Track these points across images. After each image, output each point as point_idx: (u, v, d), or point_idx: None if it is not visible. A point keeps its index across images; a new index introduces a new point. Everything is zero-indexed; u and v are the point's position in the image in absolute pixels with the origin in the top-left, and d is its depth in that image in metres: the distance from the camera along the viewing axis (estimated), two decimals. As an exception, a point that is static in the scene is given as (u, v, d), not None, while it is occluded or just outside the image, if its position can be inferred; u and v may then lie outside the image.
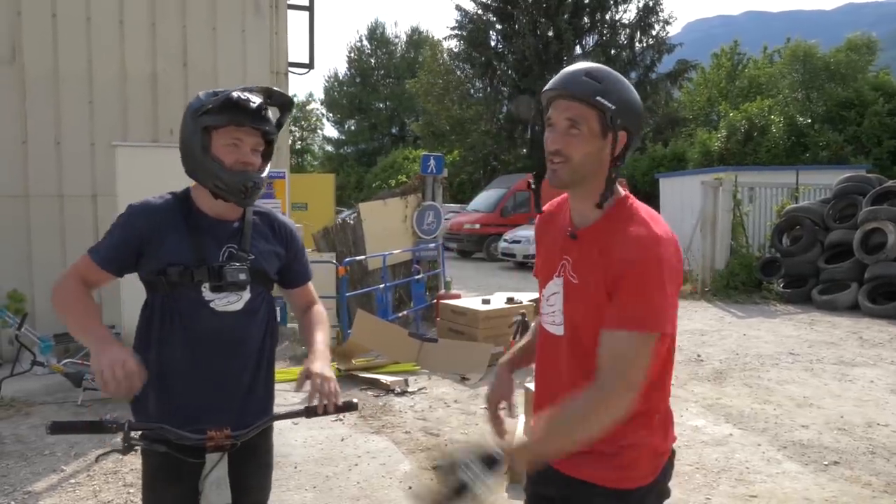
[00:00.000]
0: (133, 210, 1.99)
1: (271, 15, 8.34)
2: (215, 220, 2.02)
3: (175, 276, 1.93)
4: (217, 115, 1.91)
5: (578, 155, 1.60)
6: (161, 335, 1.98)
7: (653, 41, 27.82)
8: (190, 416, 1.93)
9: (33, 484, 4.21)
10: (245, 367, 2.04)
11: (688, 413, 5.64)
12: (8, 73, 7.45)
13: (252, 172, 1.96)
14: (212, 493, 1.86)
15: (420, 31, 41.12)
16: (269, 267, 2.08)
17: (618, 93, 1.59)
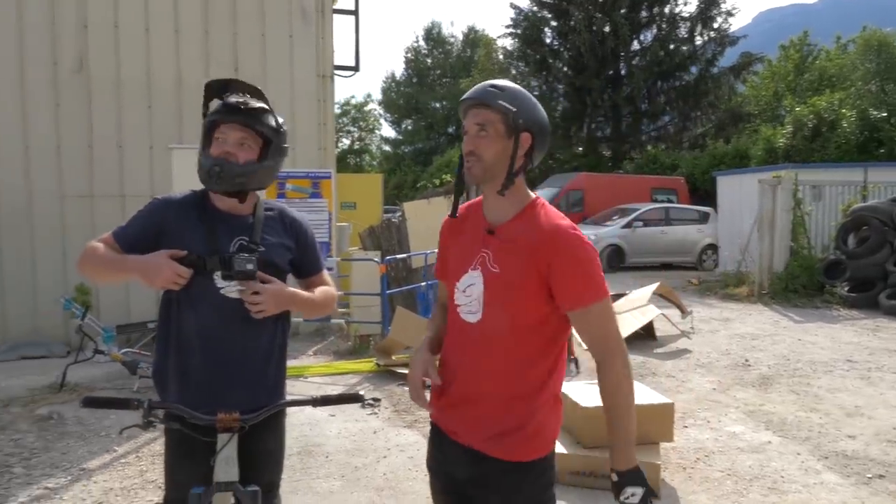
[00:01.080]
0: (156, 202, 2.22)
1: (318, 20, 8.60)
2: (228, 215, 2.21)
3: (189, 263, 2.10)
4: (211, 116, 2.15)
5: (488, 154, 1.85)
6: (178, 320, 2.17)
7: (714, 34, 26.99)
8: (204, 396, 2.10)
9: (88, 462, 4.54)
10: (255, 354, 2.20)
11: (726, 419, 5.53)
12: (76, 82, 7.95)
13: (226, 161, 2.12)
14: (221, 471, 2.01)
15: (476, 30, 41.13)
16: (279, 259, 2.25)
17: (518, 99, 1.85)
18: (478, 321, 1.87)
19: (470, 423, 1.91)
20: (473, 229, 1.97)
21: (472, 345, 1.90)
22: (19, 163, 7.85)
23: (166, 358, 2.20)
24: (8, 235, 7.80)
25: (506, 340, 1.85)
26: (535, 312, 1.83)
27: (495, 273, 1.85)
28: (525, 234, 1.84)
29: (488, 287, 1.85)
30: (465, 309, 1.91)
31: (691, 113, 27.21)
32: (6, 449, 4.76)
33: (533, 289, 1.81)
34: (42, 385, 6.30)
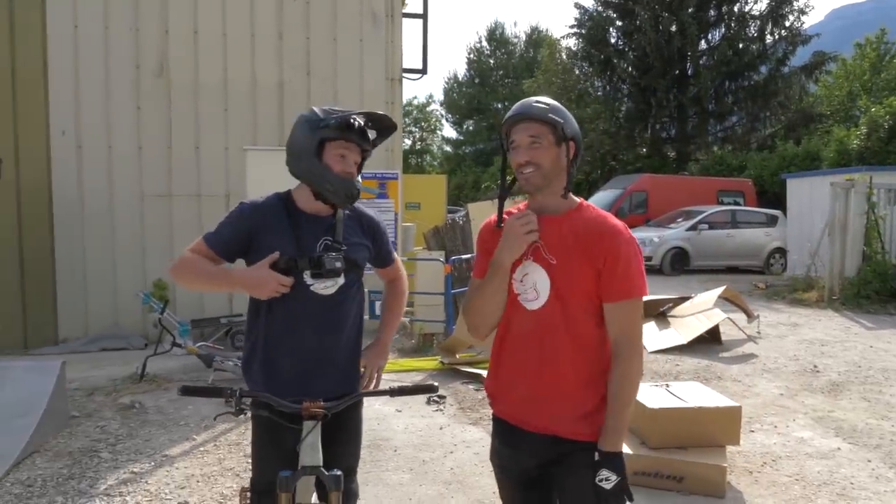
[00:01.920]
0: (244, 207, 2.37)
1: (387, 24, 8.79)
2: (312, 217, 2.37)
3: (282, 264, 2.27)
4: (334, 131, 2.27)
5: (546, 162, 2.02)
6: (268, 315, 2.33)
7: (786, 33, 26.14)
8: (291, 386, 2.27)
9: (169, 449, 4.79)
10: (339, 345, 2.37)
11: (794, 424, 5.45)
12: (157, 86, 8.34)
13: (354, 181, 2.32)
14: (306, 455, 2.14)
15: (539, 31, 40.86)
16: (359, 257, 2.42)
17: (560, 112, 2.03)
18: (540, 308, 2.02)
19: (548, 409, 2.02)
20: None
21: (539, 331, 2.02)
22: (103, 163, 8.29)
23: (255, 351, 2.37)
24: (91, 234, 8.24)
25: (571, 325, 1.99)
26: (592, 302, 2.00)
27: (553, 264, 2.01)
28: (581, 231, 2.01)
29: (551, 276, 2.01)
30: (524, 297, 2.05)
31: (760, 113, 26.44)
32: (93, 435, 5.06)
33: (589, 281, 1.98)
34: (123, 376, 6.64)
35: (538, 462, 2.06)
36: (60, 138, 8.16)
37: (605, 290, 1.98)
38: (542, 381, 2.02)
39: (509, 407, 2.11)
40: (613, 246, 1.97)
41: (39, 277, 8.17)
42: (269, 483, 2.14)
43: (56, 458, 4.59)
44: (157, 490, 4.12)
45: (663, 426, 4.31)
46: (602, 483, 1.89)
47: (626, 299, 1.98)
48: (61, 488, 4.11)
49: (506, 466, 2.15)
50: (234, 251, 2.33)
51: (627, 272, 1.98)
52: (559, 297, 1.99)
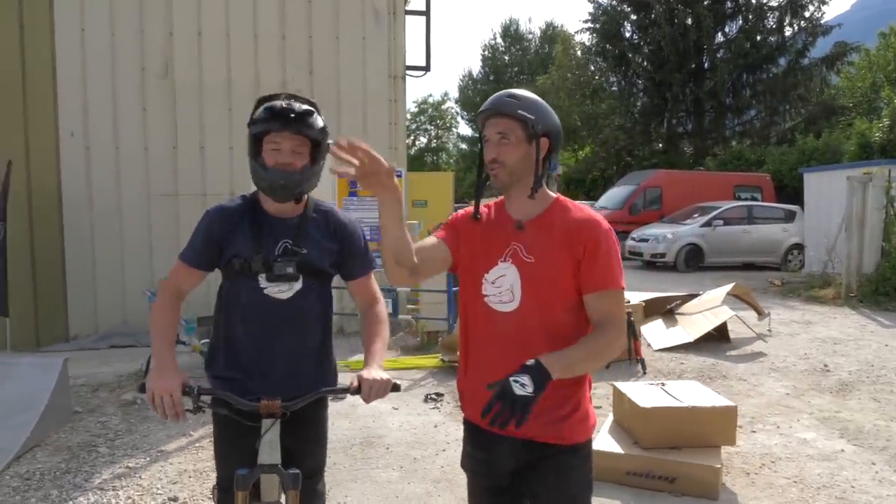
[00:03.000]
0: (210, 214, 2.35)
1: (390, 22, 8.78)
2: (276, 218, 2.33)
3: (237, 266, 2.27)
4: (260, 124, 2.21)
5: (511, 159, 1.97)
6: (227, 316, 2.34)
7: (805, 24, 25.71)
8: (250, 383, 2.27)
9: (166, 444, 4.84)
10: (301, 348, 2.34)
11: (798, 425, 5.34)
12: (162, 86, 8.42)
13: (288, 171, 2.22)
14: (264, 454, 2.13)
15: (554, 26, 40.64)
16: (320, 262, 2.34)
17: (534, 107, 1.98)
18: (513, 310, 1.98)
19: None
20: (499, 225, 2.08)
21: (511, 334, 1.98)
22: (110, 164, 8.39)
23: (217, 350, 2.38)
24: (100, 234, 8.35)
25: (547, 326, 1.96)
26: (571, 297, 1.97)
27: (530, 263, 1.97)
28: (559, 225, 1.99)
29: (525, 276, 1.97)
30: (496, 299, 2.01)
31: (779, 107, 26.08)
32: (94, 430, 5.13)
33: (569, 274, 1.95)
34: (129, 372, 6.71)
35: (511, 468, 2.03)
36: (69, 140, 8.27)
37: (587, 280, 1.95)
38: None
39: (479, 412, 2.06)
40: (593, 236, 1.95)
41: (50, 277, 8.30)
42: (231, 480, 2.14)
43: (56, 452, 4.66)
44: (150, 485, 4.17)
45: (656, 426, 4.26)
46: (514, 387, 1.69)
47: (608, 289, 1.95)
48: (57, 482, 4.17)
49: (477, 472, 2.12)
50: (210, 260, 2.32)
51: (609, 263, 1.95)
52: (536, 295, 1.96)
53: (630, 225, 18.05)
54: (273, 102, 2.22)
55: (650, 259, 16.20)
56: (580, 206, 2.07)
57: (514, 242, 2.02)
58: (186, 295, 2.36)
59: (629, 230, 17.60)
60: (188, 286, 2.35)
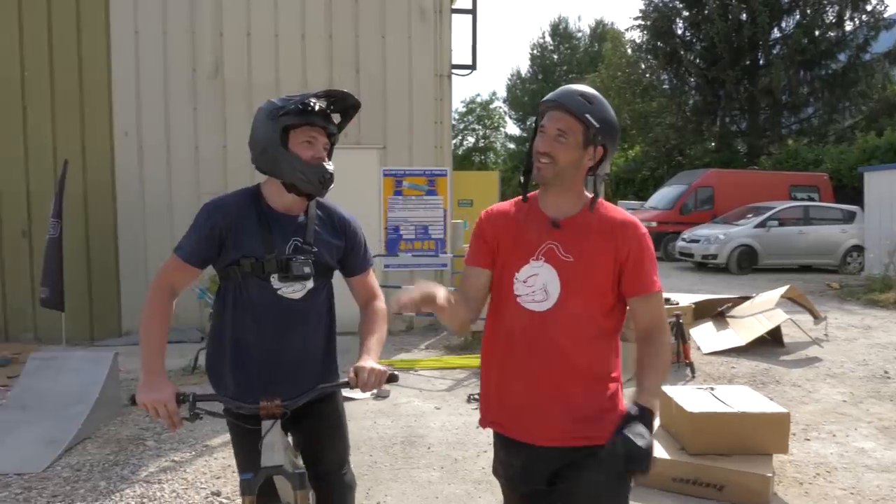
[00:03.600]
0: (210, 207, 2.24)
1: (436, 20, 8.75)
2: (282, 215, 2.26)
3: (248, 266, 2.19)
4: (295, 116, 2.16)
5: (563, 160, 1.93)
6: (234, 319, 2.25)
7: (867, 17, 24.75)
8: (257, 388, 2.19)
9: (211, 439, 4.92)
10: (307, 347, 2.30)
11: (855, 433, 5.14)
12: (213, 87, 8.58)
13: (326, 166, 2.21)
14: (266, 456, 2.06)
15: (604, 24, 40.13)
16: (329, 258, 2.31)
17: (603, 114, 1.92)
18: (548, 309, 1.93)
19: (554, 417, 1.92)
20: (532, 223, 2.02)
21: (541, 334, 1.93)
22: (162, 163, 8.58)
23: (222, 355, 2.29)
24: (151, 231, 8.53)
25: (581, 327, 1.93)
26: (608, 299, 1.95)
27: (569, 262, 1.94)
28: (598, 225, 1.96)
29: (563, 276, 1.93)
30: (528, 298, 1.96)
31: (838, 104, 25.16)
32: (142, 424, 5.24)
33: (607, 273, 1.93)
34: (177, 367, 6.85)
35: (548, 472, 1.97)
36: (123, 139, 8.49)
37: (632, 284, 1.94)
38: (550, 384, 1.93)
39: (502, 418, 2.02)
40: (636, 239, 1.94)
41: (105, 273, 8.54)
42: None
43: (105, 444, 4.78)
44: (194, 479, 4.23)
45: (704, 431, 4.13)
46: (636, 439, 1.70)
47: (653, 292, 1.96)
48: (106, 474, 4.28)
49: (513, 479, 2.06)
50: (205, 258, 2.21)
51: (652, 266, 1.97)
52: (572, 295, 1.92)
53: (680, 225, 17.72)
54: (307, 98, 2.18)
55: (701, 260, 15.84)
56: (618, 208, 2.06)
57: (549, 241, 1.97)
58: (178, 294, 2.25)
59: (679, 230, 17.30)
60: (181, 285, 2.24)
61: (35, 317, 8.34)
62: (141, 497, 3.97)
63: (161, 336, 2.15)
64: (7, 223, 8.44)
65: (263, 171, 2.25)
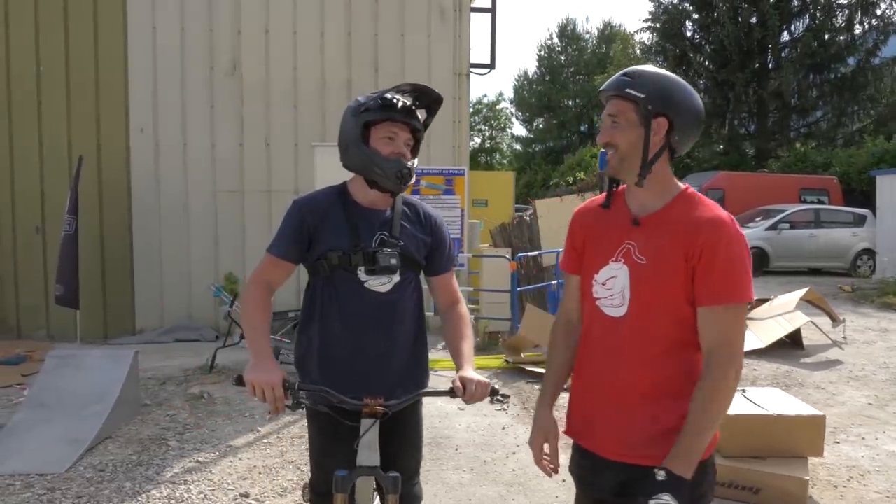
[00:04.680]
0: (299, 203, 2.29)
1: (455, 19, 8.71)
2: (368, 210, 2.27)
3: (335, 259, 2.20)
4: (375, 112, 2.16)
5: (623, 143, 1.80)
6: (322, 312, 2.25)
7: (877, 21, 24.70)
8: (346, 384, 2.16)
9: (234, 440, 4.86)
10: (397, 343, 2.27)
11: (884, 436, 5.09)
12: (230, 84, 8.54)
13: (404, 161, 2.19)
14: (363, 455, 2.05)
15: (612, 26, 39.97)
16: (416, 253, 2.29)
17: (650, 84, 1.78)
18: (622, 315, 1.82)
19: (618, 430, 1.84)
20: (615, 220, 1.90)
21: (619, 340, 1.83)
22: (178, 160, 8.54)
23: (310, 348, 2.29)
24: (167, 229, 8.51)
25: (654, 338, 1.78)
26: (682, 309, 1.76)
27: (642, 265, 1.79)
28: (678, 224, 1.77)
29: (634, 279, 1.80)
30: (606, 302, 1.86)
31: (847, 107, 25.06)
32: (163, 423, 5.19)
33: (681, 281, 1.74)
34: (194, 366, 6.82)
35: (614, 483, 1.86)
36: (139, 136, 8.45)
37: (699, 292, 1.73)
38: (616, 396, 1.83)
39: (582, 427, 1.94)
40: (713, 240, 1.71)
41: (119, 271, 8.50)
42: (329, 484, 2.04)
43: (127, 444, 4.73)
44: (220, 480, 4.18)
45: (739, 434, 4.06)
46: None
47: (723, 304, 1.71)
48: (130, 474, 4.22)
49: (584, 481, 1.99)
50: (299, 252, 2.24)
51: (728, 271, 1.71)
52: (643, 301, 1.78)
53: (690, 228, 17.54)
54: (388, 94, 2.18)
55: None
56: (709, 202, 1.82)
57: (627, 241, 1.83)
58: (276, 289, 2.27)
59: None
60: (278, 281, 2.26)
61: (48, 314, 8.31)
62: (168, 498, 3.92)
63: (265, 322, 2.16)
64: (20, 219, 8.42)
65: (349, 169, 2.28)
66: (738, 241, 1.73)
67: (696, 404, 1.70)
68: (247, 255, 8.35)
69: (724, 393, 1.71)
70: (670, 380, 1.78)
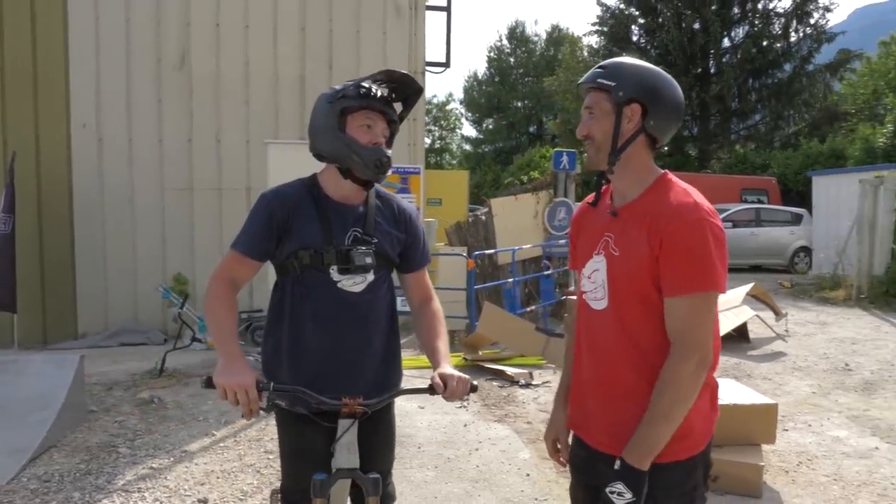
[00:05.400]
0: (268, 197, 2.15)
1: (411, 16, 8.69)
2: (341, 205, 2.16)
3: (306, 258, 2.09)
4: (352, 100, 2.08)
5: (598, 133, 1.79)
6: (292, 313, 2.14)
7: (811, 30, 25.79)
8: (319, 386, 2.06)
9: (189, 444, 4.71)
10: (370, 343, 2.18)
11: (829, 423, 5.31)
12: (178, 78, 8.30)
13: (383, 149, 2.12)
14: (342, 456, 1.98)
15: (560, 29, 40.52)
16: (390, 250, 2.21)
17: (623, 72, 1.77)
18: (604, 308, 1.81)
19: (605, 425, 1.84)
20: (600, 214, 1.91)
21: (602, 334, 1.82)
22: (124, 157, 8.27)
23: (279, 351, 2.18)
24: (111, 228, 8.22)
25: (629, 332, 1.75)
26: (653, 301, 1.72)
27: (616, 256, 1.77)
28: (646, 213, 1.73)
29: (610, 271, 1.79)
30: (591, 296, 1.86)
31: (784, 112, 26.14)
32: (111, 430, 4.99)
33: (649, 269, 1.70)
34: (143, 371, 6.59)
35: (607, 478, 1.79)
36: (81, 131, 8.15)
37: (663, 282, 1.68)
38: (598, 389, 1.83)
39: (576, 417, 1.96)
40: (672, 228, 1.66)
41: (59, 272, 8.16)
42: (305, 491, 1.96)
43: (74, 453, 4.52)
44: (176, 486, 4.04)
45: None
46: (614, 497, 1.63)
47: (685, 293, 1.65)
48: (78, 484, 4.03)
49: (578, 468, 1.98)
50: (265, 250, 2.12)
51: (687, 260, 1.64)
52: (619, 293, 1.77)
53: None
54: (366, 82, 2.10)
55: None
56: (682, 188, 1.76)
57: (607, 233, 1.83)
58: (241, 287, 2.16)
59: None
60: (243, 279, 2.15)
61: (-20, 319, 7.92)
62: (120, 506, 3.77)
63: (231, 322, 2.05)
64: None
65: (320, 158, 2.17)
66: (700, 228, 1.65)
67: (654, 393, 1.68)
68: (196, 256, 8.13)
69: (682, 382, 1.65)
70: (652, 372, 1.72)
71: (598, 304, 1.83)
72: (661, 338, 1.72)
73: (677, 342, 1.67)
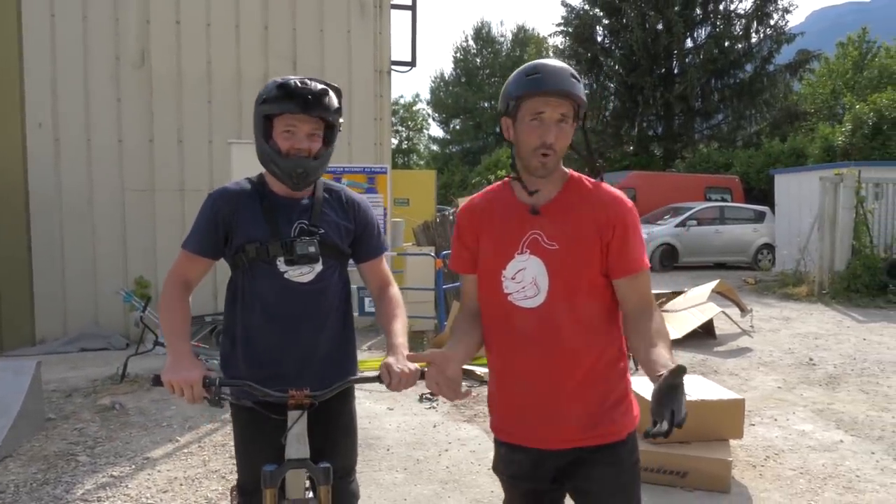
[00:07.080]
0: (213, 196, 2.19)
1: (375, 15, 8.61)
2: (286, 199, 2.17)
3: (252, 252, 2.11)
4: (273, 104, 2.04)
5: (563, 145, 1.81)
6: (244, 307, 2.17)
7: (771, 31, 26.33)
8: (273, 377, 2.09)
9: (152, 451, 4.59)
10: (321, 333, 2.19)
11: (794, 417, 5.38)
12: (137, 76, 8.11)
13: (305, 159, 2.08)
14: (292, 448, 2.00)
15: (526, 30, 40.81)
16: (339, 240, 2.21)
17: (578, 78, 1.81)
18: (539, 305, 1.81)
19: (559, 419, 1.84)
20: (510, 213, 1.89)
21: (537, 331, 1.82)
22: (82, 157, 8.04)
23: (234, 345, 2.21)
24: (70, 230, 7.99)
25: (577, 318, 1.81)
26: (599, 284, 1.83)
27: (554, 250, 1.81)
28: (582, 205, 1.83)
29: (550, 266, 1.81)
30: (519, 296, 1.84)
31: (746, 111, 26.64)
32: (70, 437, 4.84)
33: (596, 255, 1.81)
34: (103, 376, 6.42)
35: (554, 472, 1.89)
36: (37, 131, 7.90)
37: (619, 264, 1.81)
38: (559, 383, 1.82)
39: (505, 424, 1.93)
40: (621, 215, 1.81)
41: (15, 275, 7.91)
42: (257, 481, 1.98)
43: (30, 462, 4.37)
44: (138, 494, 3.92)
45: (666, 420, 4.17)
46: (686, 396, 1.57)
47: (642, 269, 1.84)
48: (35, 494, 3.89)
49: (517, 477, 1.95)
50: (215, 248, 2.17)
51: (638, 242, 1.84)
52: (564, 284, 1.80)
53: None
54: (288, 80, 2.06)
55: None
56: (597, 182, 1.88)
57: (531, 231, 1.84)
58: (194, 286, 2.20)
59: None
60: (195, 278, 2.19)
61: (-68, 325, 7.66)
62: (80, 515, 3.64)
63: (183, 320, 2.10)
64: None
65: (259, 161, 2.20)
66: (635, 213, 1.86)
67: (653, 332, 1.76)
68: (158, 258, 7.95)
69: (665, 329, 1.81)
70: (610, 343, 1.86)
71: (529, 303, 1.83)
72: (606, 316, 1.86)
73: (645, 309, 1.82)
